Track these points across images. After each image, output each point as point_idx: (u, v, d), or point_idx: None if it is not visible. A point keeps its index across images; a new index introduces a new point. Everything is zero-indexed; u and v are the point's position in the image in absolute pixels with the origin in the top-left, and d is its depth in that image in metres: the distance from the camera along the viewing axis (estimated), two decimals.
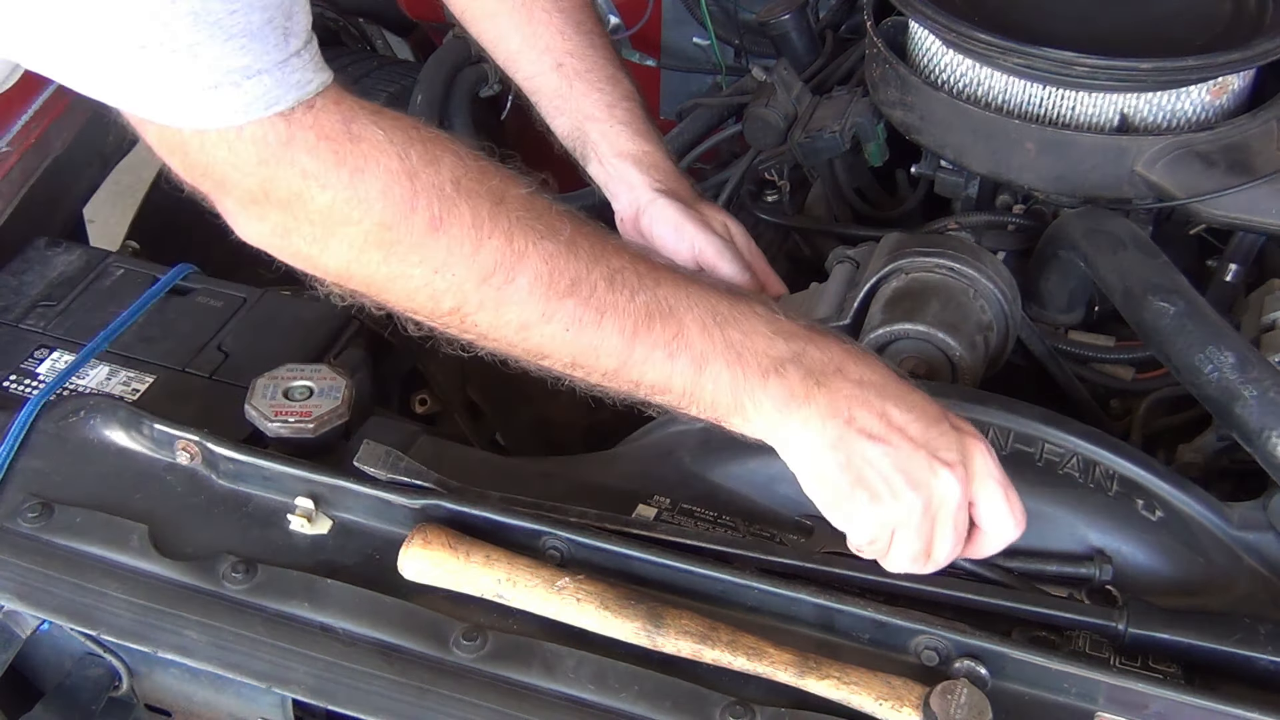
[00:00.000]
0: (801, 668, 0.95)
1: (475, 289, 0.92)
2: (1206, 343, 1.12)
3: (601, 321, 0.93)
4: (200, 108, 0.82)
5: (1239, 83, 1.33)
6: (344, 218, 0.88)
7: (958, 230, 1.41)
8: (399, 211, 0.88)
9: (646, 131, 1.40)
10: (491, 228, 0.90)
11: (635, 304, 0.94)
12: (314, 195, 0.87)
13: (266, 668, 0.99)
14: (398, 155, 0.88)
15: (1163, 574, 1.05)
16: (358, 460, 1.09)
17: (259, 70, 0.83)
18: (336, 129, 0.87)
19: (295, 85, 0.85)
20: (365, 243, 0.90)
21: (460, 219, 0.89)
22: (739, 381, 0.96)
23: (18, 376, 1.26)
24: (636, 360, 0.95)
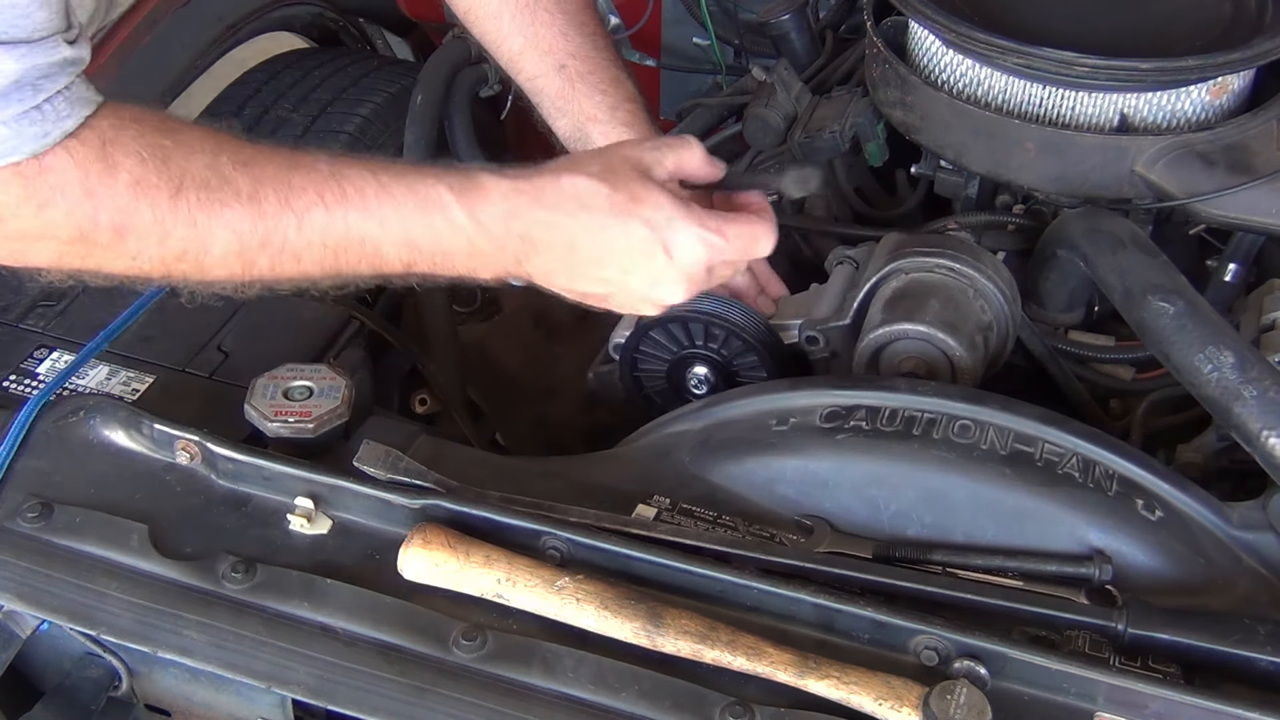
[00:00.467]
0: (801, 668, 0.95)
1: (176, 265, 1.02)
2: (1206, 343, 1.12)
3: (300, 261, 1.04)
4: None
5: (1239, 83, 1.33)
6: (37, 236, 0.99)
7: (958, 230, 1.41)
8: (84, 229, 0.98)
9: (649, 134, 1.40)
10: (173, 219, 0.99)
11: (328, 243, 1.03)
12: (7, 224, 0.97)
13: (266, 668, 0.99)
14: (79, 179, 0.96)
15: (1163, 574, 1.05)
16: (357, 460, 1.09)
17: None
18: (34, 175, 0.95)
19: (5, 148, 0.93)
20: (61, 254, 1.00)
21: (141, 219, 0.98)
22: (446, 270, 1.08)
23: (18, 376, 1.26)
24: (345, 275, 1.07)
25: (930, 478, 1.09)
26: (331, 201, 1.02)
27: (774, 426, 1.15)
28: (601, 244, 1.08)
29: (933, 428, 1.11)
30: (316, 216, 1.02)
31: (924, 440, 1.10)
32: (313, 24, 2.21)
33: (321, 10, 2.21)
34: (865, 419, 1.13)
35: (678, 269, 1.09)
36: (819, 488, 1.11)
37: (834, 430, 1.13)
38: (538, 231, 1.07)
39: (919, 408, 1.13)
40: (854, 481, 1.10)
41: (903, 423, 1.12)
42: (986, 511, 1.07)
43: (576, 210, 1.07)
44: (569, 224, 1.07)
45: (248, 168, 1.01)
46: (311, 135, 1.83)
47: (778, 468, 1.13)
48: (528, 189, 1.07)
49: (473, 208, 1.06)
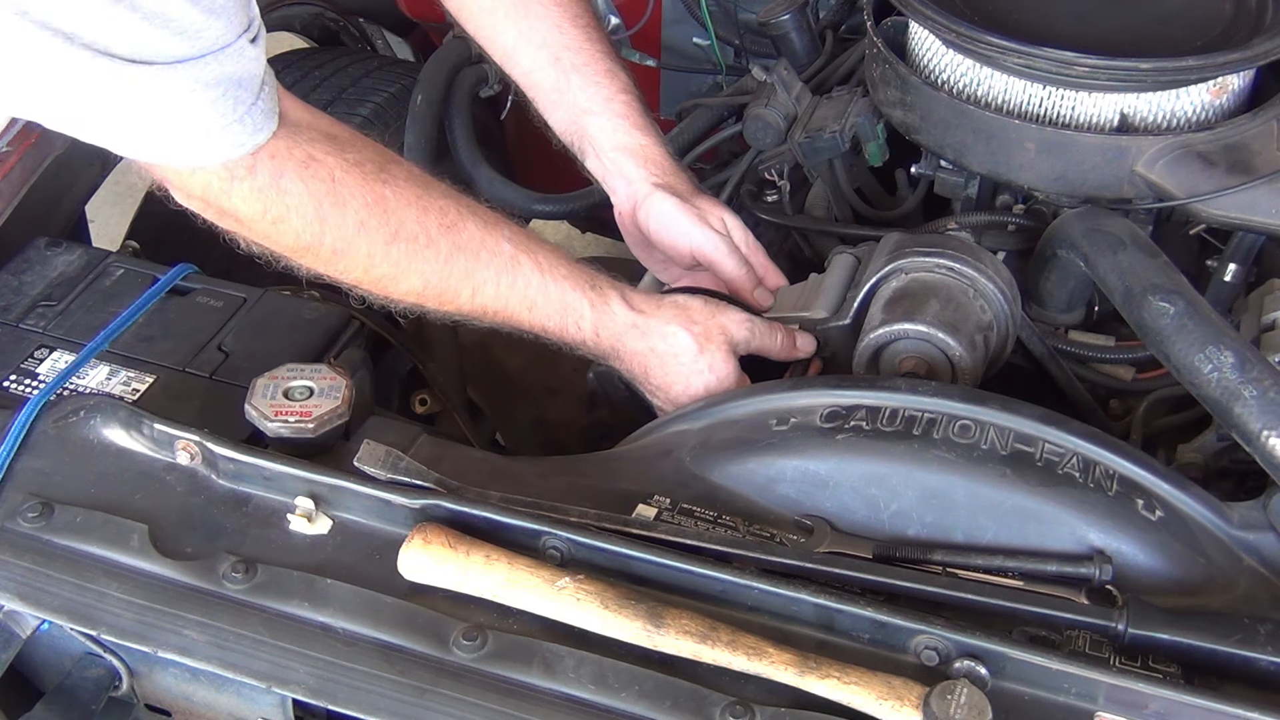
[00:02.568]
0: (801, 668, 0.94)
1: (369, 285, 1.18)
2: (1206, 343, 1.12)
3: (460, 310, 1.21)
4: (153, 151, 1.04)
5: (1239, 83, 1.33)
6: (264, 239, 1.13)
7: (958, 230, 1.41)
8: (308, 245, 1.12)
9: (645, 125, 1.40)
10: (383, 258, 1.14)
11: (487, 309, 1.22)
12: (244, 233, 1.12)
13: (266, 668, 0.99)
14: (313, 206, 1.09)
15: (1163, 574, 1.05)
16: (358, 460, 1.09)
17: (206, 132, 1.02)
18: (267, 182, 1.07)
19: (232, 146, 1.04)
20: (280, 254, 1.15)
21: (358, 250, 1.14)
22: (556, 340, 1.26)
23: (18, 376, 1.26)
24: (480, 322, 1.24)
25: (930, 478, 1.09)
26: (504, 284, 1.20)
27: (774, 426, 1.15)
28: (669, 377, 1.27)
29: (933, 428, 1.11)
30: (487, 290, 1.20)
31: (924, 440, 1.10)
32: (313, 24, 2.21)
33: (321, 10, 2.21)
34: (865, 419, 1.13)
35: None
36: (819, 488, 1.11)
37: (834, 430, 1.13)
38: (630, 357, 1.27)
39: (919, 408, 1.13)
40: (854, 481, 1.10)
41: (903, 423, 1.12)
42: (986, 511, 1.07)
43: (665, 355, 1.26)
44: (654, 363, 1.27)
45: (449, 233, 1.16)
46: None
47: (778, 468, 1.13)
48: (643, 327, 1.27)
49: (598, 325, 1.25)
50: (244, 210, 1.09)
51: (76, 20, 0.93)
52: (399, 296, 1.19)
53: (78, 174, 1.56)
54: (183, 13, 0.96)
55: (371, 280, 1.17)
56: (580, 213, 1.78)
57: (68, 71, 0.95)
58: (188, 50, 0.98)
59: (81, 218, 1.64)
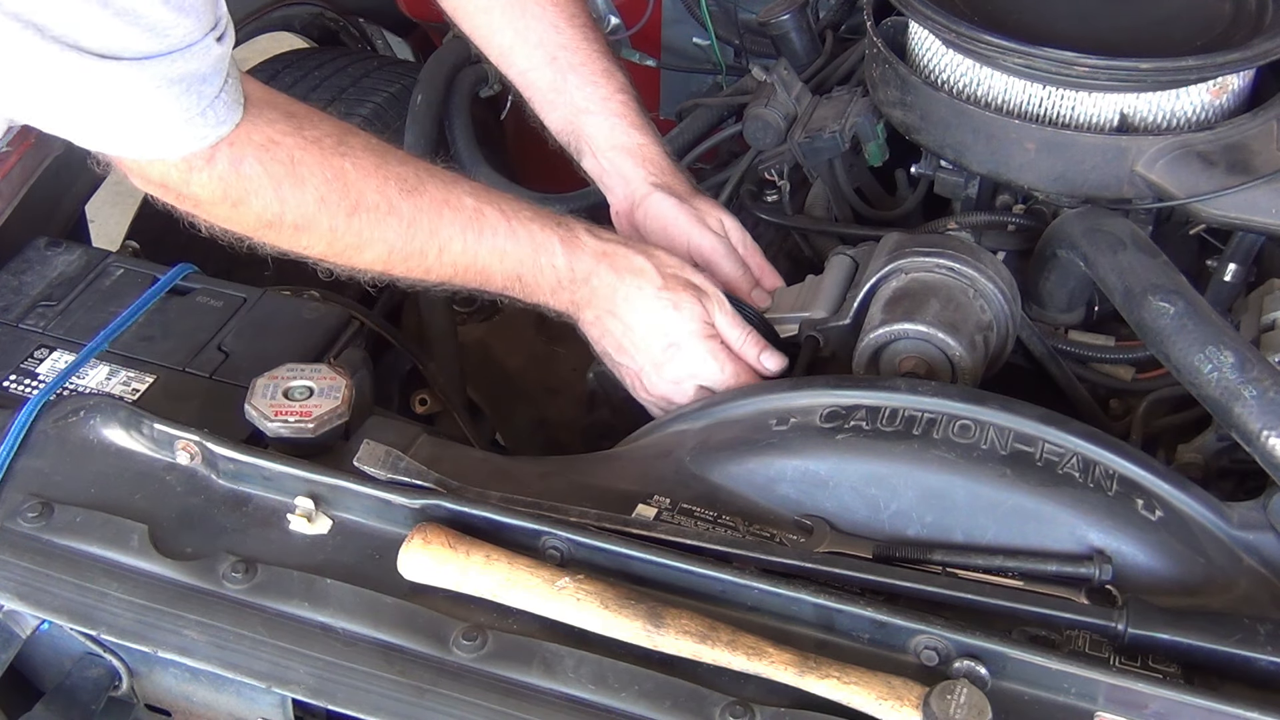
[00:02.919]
0: (801, 667, 0.94)
1: (335, 257, 1.18)
2: (1206, 343, 1.12)
3: (429, 274, 1.21)
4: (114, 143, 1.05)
5: (1239, 83, 1.33)
6: (225, 221, 1.14)
7: (958, 230, 1.41)
8: (270, 223, 1.13)
9: (642, 125, 1.40)
10: (345, 230, 1.15)
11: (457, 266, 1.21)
12: (203, 208, 1.13)
13: (266, 668, 0.99)
14: (272, 187, 1.10)
15: (1163, 574, 1.05)
16: (358, 460, 1.09)
17: (168, 126, 1.03)
18: (226, 169, 1.08)
19: (193, 139, 1.05)
20: (246, 235, 1.16)
21: (319, 225, 1.14)
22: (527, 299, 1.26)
23: (18, 376, 1.26)
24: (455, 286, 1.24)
25: (930, 478, 1.09)
26: (470, 237, 1.20)
27: (774, 426, 1.15)
28: (632, 317, 1.26)
29: (933, 428, 1.11)
30: (455, 246, 1.20)
31: (924, 440, 1.10)
32: (313, 24, 2.21)
33: (321, 10, 2.21)
34: (865, 419, 1.13)
35: (676, 369, 1.27)
36: (819, 487, 1.11)
37: (834, 430, 1.13)
38: (601, 286, 1.26)
39: (919, 408, 1.13)
40: (854, 481, 1.10)
41: (903, 423, 1.12)
42: (986, 511, 1.07)
43: (633, 282, 1.26)
44: (622, 288, 1.26)
45: (410, 196, 1.17)
46: None
47: (778, 468, 1.13)
48: (613, 251, 1.26)
49: (571, 254, 1.24)
50: (204, 195, 1.10)
51: (49, 14, 0.94)
52: (364, 266, 1.19)
53: (78, 174, 1.56)
54: (153, 10, 0.97)
55: (335, 253, 1.17)
56: (579, 213, 1.77)
57: (36, 64, 0.96)
58: (156, 47, 0.99)
59: (81, 218, 1.64)
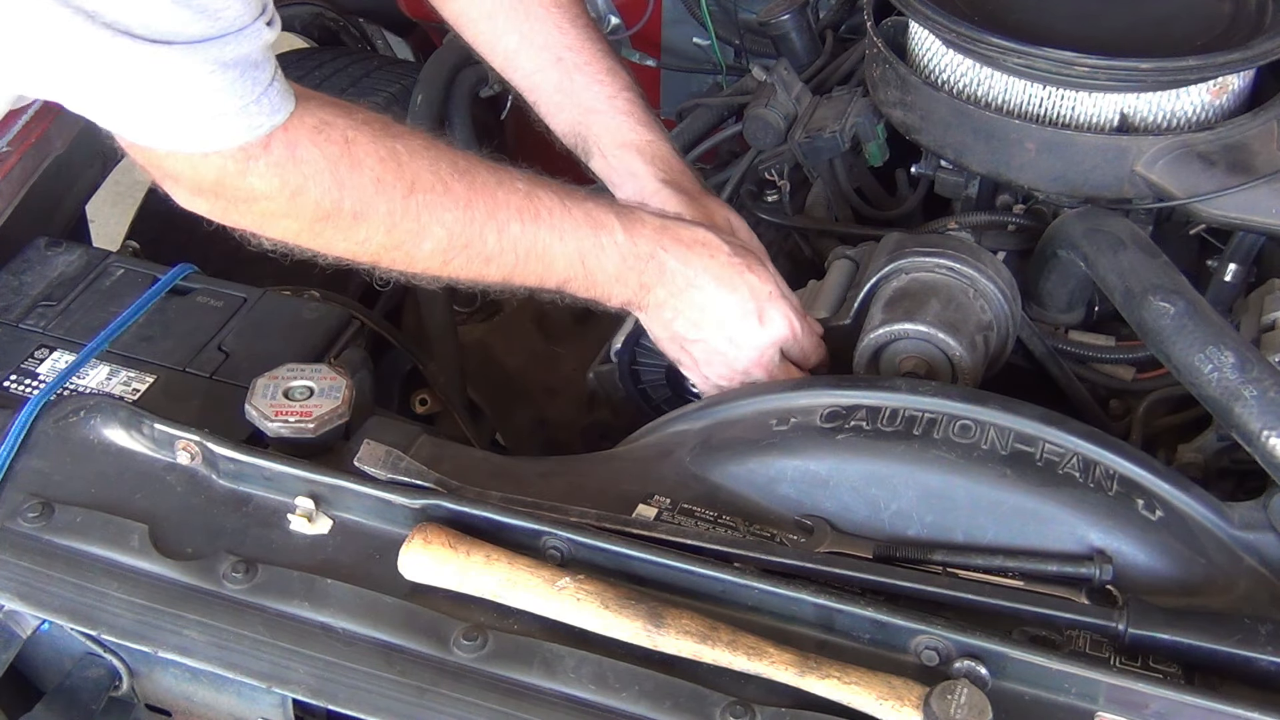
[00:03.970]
0: (802, 668, 0.94)
1: (392, 253, 1.14)
2: (1206, 343, 1.12)
3: (489, 265, 1.17)
4: (169, 135, 1.01)
5: (1239, 83, 1.33)
6: (283, 217, 1.09)
7: (958, 230, 1.41)
8: (328, 212, 1.08)
9: (649, 122, 1.40)
10: (403, 214, 1.11)
11: (517, 251, 1.17)
12: (260, 204, 1.07)
13: (267, 668, 0.99)
14: (329, 170, 1.06)
15: (1163, 574, 1.05)
16: (358, 460, 1.09)
17: (222, 113, 1.00)
18: (283, 155, 1.05)
19: (249, 129, 1.02)
20: (300, 231, 1.10)
21: (378, 210, 1.10)
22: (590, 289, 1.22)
23: (18, 376, 1.26)
24: (514, 282, 1.20)
25: (930, 478, 1.09)
26: (528, 217, 1.16)
27: (774, 426, 1.15)
28: (710, 290, 1.23)
29: (933, 428, 1.11)
30: (513, 228, 1.16)
31: (924, 440, 1.10)
32: (313, 24, 2.21)
33: (321, 10, 2.21)
34: (865, 419, 1.13)
35: (760, 336, 1.25)
36: (819, 488, 1.11)
37: (834, 430, 1.13)
38: (671, 264, 1.23)
39: (919, 408, 1.13)
40: (854, 481, 1.10)
41: (903, 423, 1.12)
42: (986, 511, 1.07)
43: (703, 253, 1.23)
44: (694, 261, 1.23)
45: (464, 177, 1.14)
46: None
47: (778, 468, 1.13)
48: (673, 226, 1.24)
49: (630, 230, 1.21)
50: (261, 187, 1.06)
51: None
52: (424, 258, 1.15)
53: (78, 174, 1.56)
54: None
55: (394, 242, 1.13)
56: None
57: (87, 50, 0.94)
58: (207, 30, 0.97)
59: (81, 218, 1.64)
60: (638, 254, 1.21)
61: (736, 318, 1.24)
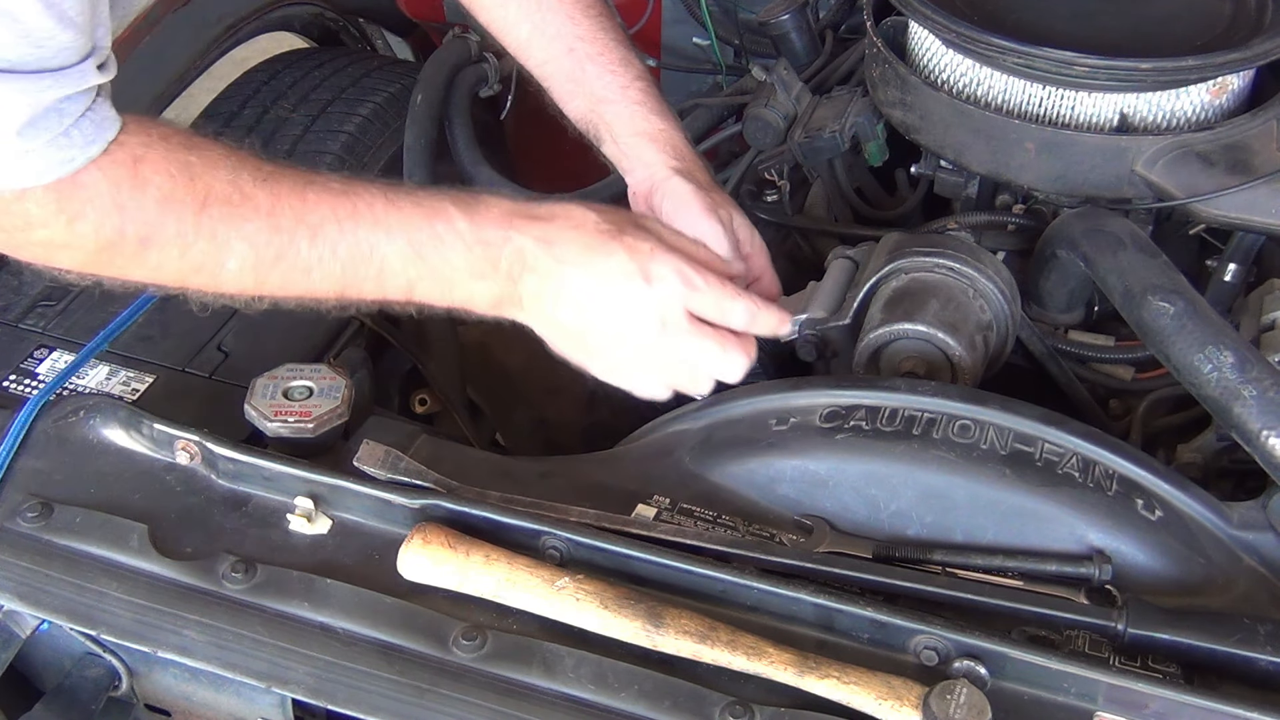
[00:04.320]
0: (801, 667, 0.95)
1: (193, 276, 1.04)
2: (1206, 343, 1.12)
3: (311, 275, 1.05)
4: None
5: (1239, 83, 1.33)
6: (63, 248, 1.01)
7: (958, 230, 1.41)
8: (111, 240, 1.00)
9: (662, 111, 1.40)
10: (195, 233, 1.01)
11: (338, 255, 1.05)
12: (38, 232, 0.99)
13: (266, 668, 0.99)
14: (110, 193, 0.98)
15: (1163, 574, 1.05)
16: (357, 460, 1.09)
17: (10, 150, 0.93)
18: (63, 183, 0.96)
19: (32, 173, 0.95)
20: (86, 261, 1.03)
21: (166, 232, 1.00)
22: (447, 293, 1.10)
23: (18, 376, 1.26)
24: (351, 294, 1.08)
25: (930, 477, 1.09)
26: (343, 215, 1.05)
27: (774, 426, 1.15)
28: (581, 263, 1.10)
29: (933, 428, 1.11)
30: (329, 230, 1.04)
31: (924, 440, 1.10)
32: (313, 24, 2.21)
33: (321, 10, 2.20)
34: (865, 419, 1.13)
35: (651, 298, 1.10)
36: (819, 487, 1.11)
37: (834, 430, 1.13)
38: (531, 246, 1.09)
39: (919, 408, 1.13)
40: (854, 481, 1.10)
41: (903, 423, 1.12)
42: (986, 511, 1.07)
43: (566, 227, 1.10)
44: (557, 236, 1.10)
45: (266, 183, 1.03)
46: (311, 135, 1.83)
47: (778, 467, 1.13)
48: (525, 207, 1.11)
49: (473, 216, 1.09)
50: (37, 213, 0.97)
51: None
52: (232, 278, 1.04)
53: None
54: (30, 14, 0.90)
55: (193, 265, 1.03)
56: None
57: None
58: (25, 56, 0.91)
59: None
60: (486, 239, 1.08)
61: (620, 287, 1.10)
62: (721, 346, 1.12)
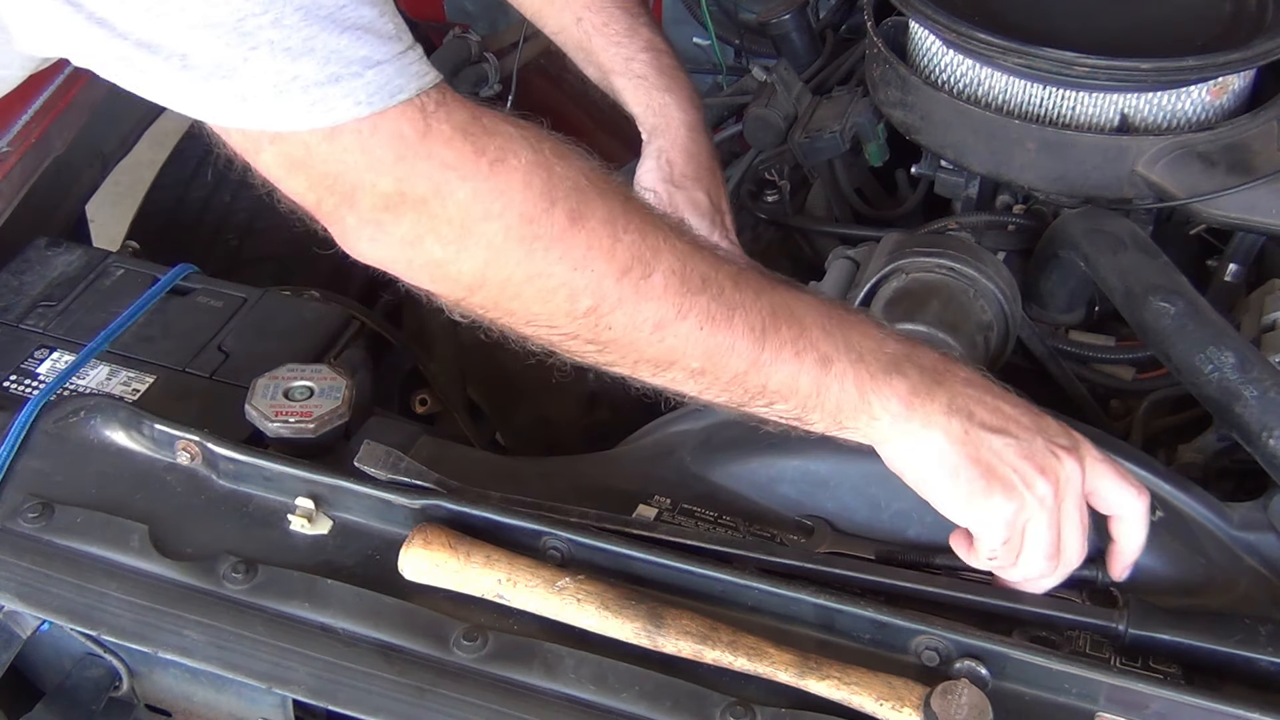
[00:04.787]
0: (802, 668, 0.95)
1: (615, 285, 0.89)
2: (1207, 343, 1.12)
3: (732, 318, 0.92)
4: (324, 103, 0.80)
5: (1239, 83, 1.33)
6: (485, 211, 0.86)
7: (958, 230, 1.41)
8: (540, 204, 0.86)
9: (666, 85, 1.40)
10: (626, 223, 0.89)
11: (761, 303, 0.93)
12: (454, 189, 0.85)
13: (267, 668, 0.99)
14: (531, 148, 0.87)
15: (1163, 574, 1.05)
16: (358, 460, 1.09)
17: (379, 61, 0.81)
18: (469, 121, 0.86)
19: (416, 75, 0.84)
20: (506, 239, 0.87)
21: (597, 213, 0.88)
22: (864, 380, 0.95)
23: (18, 376, 1.26)
24: (765, 361, 0.93)
25: None
26: (762, 274, 0.96)
27: None
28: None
29: None
30: (750, 279, 0.94)
31: None
32: None
33: None
34: None
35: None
36: (819, 487, 1.11)
37: None
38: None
39: None
40: (855, 481, 1.10)
41: None
42: None
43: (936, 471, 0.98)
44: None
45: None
46: None
47: (779, 467, 1.12)
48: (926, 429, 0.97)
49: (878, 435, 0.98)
50: (449, 155, 0.84)
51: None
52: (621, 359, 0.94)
53: (78, 174, 1.56)
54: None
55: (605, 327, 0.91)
56: None
57: None
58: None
59: (81, 218, 1.64)
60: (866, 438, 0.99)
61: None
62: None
